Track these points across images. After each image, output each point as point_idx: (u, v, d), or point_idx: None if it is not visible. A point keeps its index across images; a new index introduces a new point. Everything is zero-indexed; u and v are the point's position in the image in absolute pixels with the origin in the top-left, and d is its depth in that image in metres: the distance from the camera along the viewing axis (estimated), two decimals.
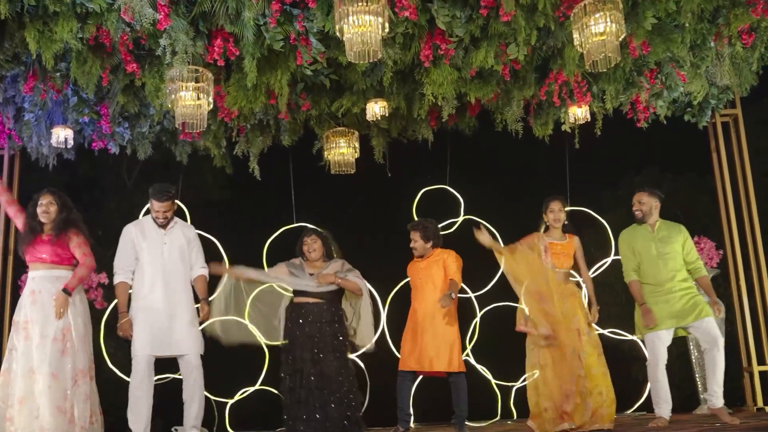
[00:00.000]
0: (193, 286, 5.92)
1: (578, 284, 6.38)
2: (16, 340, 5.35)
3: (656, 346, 5.82)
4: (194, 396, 5.73)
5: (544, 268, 5.89)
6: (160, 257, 5.75)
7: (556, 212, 6.09)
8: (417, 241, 6.38)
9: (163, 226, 5.83)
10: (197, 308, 5.89)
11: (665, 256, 5.87)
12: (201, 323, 5.82)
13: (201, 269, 5.94)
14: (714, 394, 5.70)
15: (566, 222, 6.11)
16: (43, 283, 5.43)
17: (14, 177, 7.75)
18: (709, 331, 5.75)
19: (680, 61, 6.59)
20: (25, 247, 5.53)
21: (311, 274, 6.01)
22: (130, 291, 5.78)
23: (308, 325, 5.91)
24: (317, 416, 5.69)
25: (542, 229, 6.16)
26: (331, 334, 5.92)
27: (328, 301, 6.01)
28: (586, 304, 6.06)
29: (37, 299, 5.38)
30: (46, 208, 5.55)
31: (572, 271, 6.17)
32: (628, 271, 6.03)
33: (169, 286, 5.70)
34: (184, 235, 5.89)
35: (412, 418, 6.49)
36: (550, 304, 5.79)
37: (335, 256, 6.27)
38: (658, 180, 11.16)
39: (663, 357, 5.82)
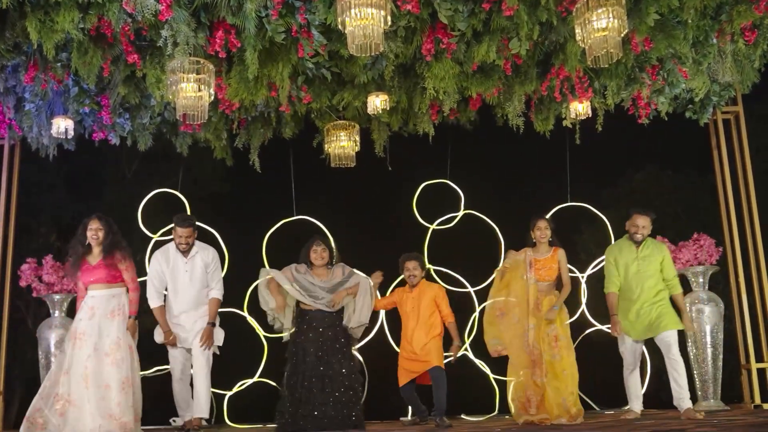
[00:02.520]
0: None
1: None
2: (69, 348, 5.76)
3: (626, 351, 6.39)
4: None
5: (524, 283, 6.41)
6: (182, 284, 6.35)
7: (543, 230, 6.51)
8: (417, 270, 6.68)
9: (185, 252, 6.37)
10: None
11: (643, 274, 6.30)
12: (204, 348, 6.26)
13: (215, 292, 6.43)
14: (680, 397, 6.09)
15: (551, 238, 6.52)
16: (100, 301, 5.87)
17: (14, 167, 7.73)
18: (662, 342, 6.21)
19: (682, 58, 6.58)
20: (77, 272, 5.96)
21: (321, 288, 6.33)
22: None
23: (313, 331, 6.22)
24: (315, 413, 5.96)
25: (531, 242, 6.57)
26: (334, 338, 6.23)
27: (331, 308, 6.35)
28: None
29: (96, 314, 5.82)
30: (95, 233, 5.93)
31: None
32: (610, 284, 6.45)
33: (192, 309, 6.34)
34: (203, 261, 6.40)
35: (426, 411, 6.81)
36: (512, 318, 6.42)
37: (335, 260, 6.56)
38: (659, 177, 11.17)
39: (631, 361, 6.38)
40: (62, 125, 6.91)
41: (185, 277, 6.34)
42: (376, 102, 6.73)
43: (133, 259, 6.07)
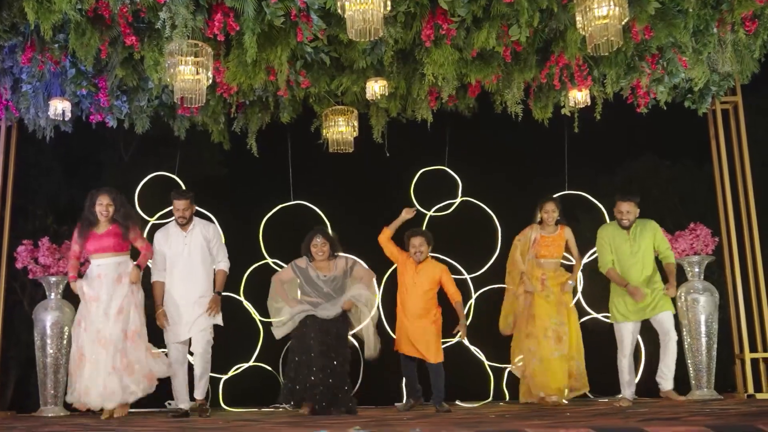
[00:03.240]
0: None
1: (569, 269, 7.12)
2: (84, 309, 6.07)
3: (624, 336, 6.41)
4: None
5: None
6: (181, 258, 6.41)
7: (550, 213, 6.83)
8: (423, 246, 6.68)
9: (183, 226, 6.44)
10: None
11: (637, 255, 6.39)
12: (210, 314, 6.39)
13: (221, 264, 6.56)
14: (664, 377, 6.39)
15: (559, 218, 6.87)
16: (107, 268, 6.07)
17: (11, 148, 7.69)
18: (662, 324, 6.36)
19: (682, 47, 6.56)
20: (83, 241, 6.14)
21: (324, 282, 6.47)
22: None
23: (315, 331, 6.27)
24: (316, 381, 6.10)
25: (537, 220, 6.92)
26: (337, 330, 6.34)
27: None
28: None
29: (104, 282, 6.04)
30: (106, 209, 6.11)
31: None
32: (605, 262, 6.49)
33: (190, 283, 6.38)
34: (203, 235, 6.47)
35: (421, 391, 6.94)
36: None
37: (338, 252, 6.60)
38: (656, 166, 11.14)
39: (628, 345, 6.41)
40: (59, 107, 6.88)
41: (183, 251, 6.41)
42: (375, 87, 6.70)
43: (142, 227, 6.32)
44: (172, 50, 5.72)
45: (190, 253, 6.43)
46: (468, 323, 8.10)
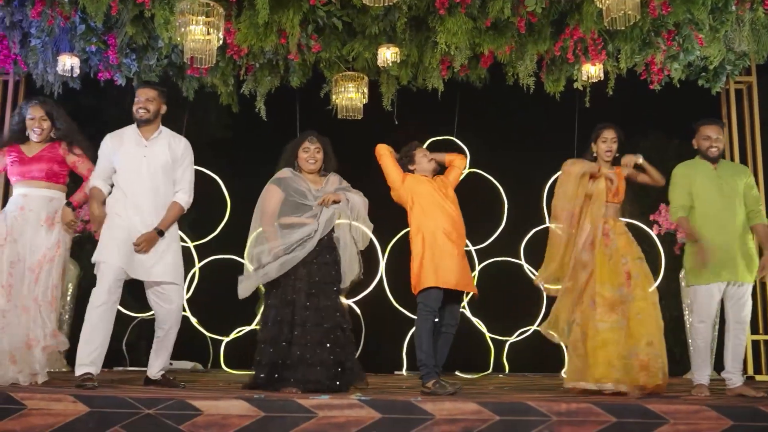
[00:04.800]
0: None
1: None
2: None
3: (707, 301, 5.08)
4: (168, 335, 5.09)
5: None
6: (137, 175, 4.87)
7: (609, 142, 5.19)
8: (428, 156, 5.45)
9: (144, 125, 4.94)
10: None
11: (729, 197, 5.10)
12: (139, 250, 4.79)
13: (181, 195, 5.00)
14: (734, 371, 5.08)
15: (618, 154, 5.23)
16: (34, 202, 4.90)
17: (18, 103, 7.65)
18: (739, 294, 5.09)
19: (699, 24, 6.49)
20: (1, 156, 4.96)
21: (315, 196, 5.09)
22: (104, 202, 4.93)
23: (302, 264, 4.95)
24: (307, 357, 4.77)
25: (592, 155, 5.29)
26: (327, 264, 5.06)
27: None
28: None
29: (28, 218, 4.88)
30: (39, 123, 4.94)
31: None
32: (678, 206, 5.15)
33: (146, 209, 4.87)
34: (170, 149, 4.97)
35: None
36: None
37: (332, 168, 5.36)
38: (665, 145, 11.07)
39: (713, 314, 5.11)
40: (68, 63, 6.84)
41: (141, 165, 4.86)
42: (387, 54, 6.64)
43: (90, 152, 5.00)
44: (183, 9, 5.68)
45: (149, 169, 4.87)
46: (470, 295, 8.12)
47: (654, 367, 4.75)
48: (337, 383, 4.82)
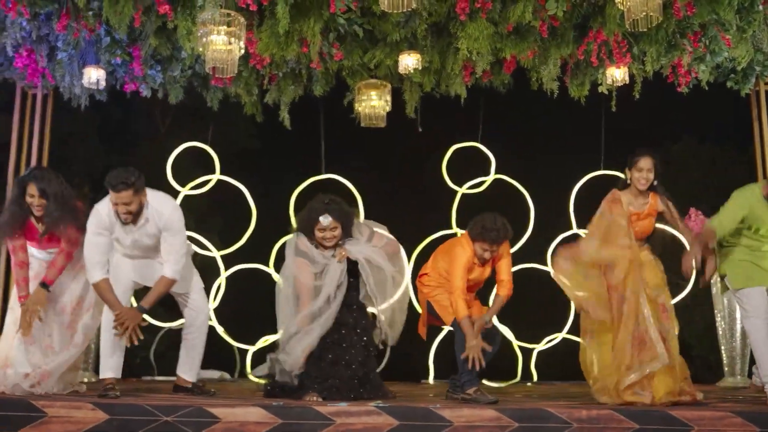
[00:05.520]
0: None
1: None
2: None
3: (757, 302, 4.98)
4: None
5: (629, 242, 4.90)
6: (130, 251, 5.04)
7: (645, 172, 4.99)
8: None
9: (129, 224, 4.92)
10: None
11: None
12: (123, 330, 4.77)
13: (167, 267, 4.94)
14: None
15: (655, 183, 5.05)
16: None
17: (47, 117, 7.77)
18: None
19: (726, 25, 6.35)
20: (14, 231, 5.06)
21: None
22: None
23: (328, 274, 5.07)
24: (327, 374, 4.91)
25: (626, 182, 5.12)
26: (349, 289, 5.18)
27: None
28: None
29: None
30: (38, 201, 4.96)
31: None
32: (724, 224, 5.09)
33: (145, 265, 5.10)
34: (157, 228, 4.94)
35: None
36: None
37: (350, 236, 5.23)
38: (697, 149, 10.95)
39: (758, 306, 4.96)
40: (94, 75, 6.91)
41: (132, 246, 5.00)
42: (408, 61, 6.61)
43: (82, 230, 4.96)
44: (204, 19, 5.69)
45: (141, 247, 5.01)
46: None
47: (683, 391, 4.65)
48: (354, 395, 4.85)
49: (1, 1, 5.92)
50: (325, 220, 4.99)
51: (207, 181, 8.13)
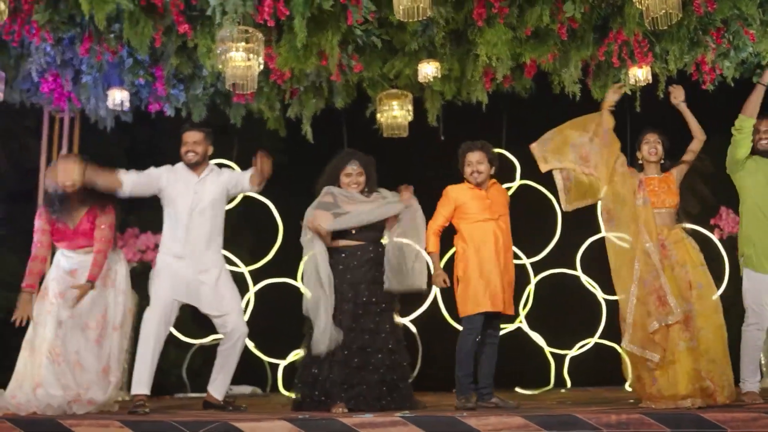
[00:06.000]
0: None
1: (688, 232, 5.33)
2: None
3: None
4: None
5: (635, 207, 5.01)
6: (189, 211, 5.26)
7: (652, 143, 5.28)
8: (482, 164, 5.49)
9: (194, 166, 5.33)
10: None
11: None
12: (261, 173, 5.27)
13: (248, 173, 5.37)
14: None
15: (664, 161, 5.28)
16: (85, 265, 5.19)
17: (74, 140, 7.90)
18: None
19: (749, 19, 6.25)
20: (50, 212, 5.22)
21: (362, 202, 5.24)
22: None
23: (350, 272, 5.17)
24: (353, 379, 4.90)
25: (638, 162, 5.41)
26: (375, 282, 5.17)
27: (371, 242, 5.29)
28: None
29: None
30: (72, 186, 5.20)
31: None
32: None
33: (197, 244, 5.27)
34: (218, 183, 5.37)
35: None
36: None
37: (374, 189, 5.45)
38: (725, 148, 10.73)
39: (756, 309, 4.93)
40: (118, 97, 7.01)
41: (192, 202, 5.25)
42: (428, 70, 6.60)
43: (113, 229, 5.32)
44: (223, 37, 5.74)
45: (200, 205, 5.27)
46: (527, 309, 7.99)
47: (719, 386, 4.60)
48: (384, 402, 4.80)
49: (25, 28, 6.00)
50: (352, 164, 5.28)
51: (233, 198, 8.16)
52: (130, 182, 5.32)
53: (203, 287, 5.27)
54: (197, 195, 5.28)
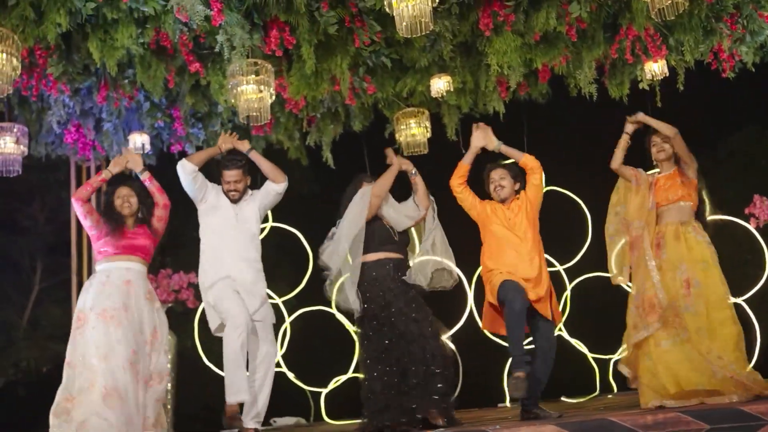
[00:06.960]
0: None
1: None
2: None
3: None
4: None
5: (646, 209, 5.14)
6: (228, 229, 5.54)
7: (659, 144, 5.39)
8: (505, 179, 5.50)
9: (236, 201, 5.64)
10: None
11: None
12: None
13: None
14: None
15: (675, 155, 5.31)
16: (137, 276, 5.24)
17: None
18: None
19: (762, 1, 6.15)
20: (111, 238, 5.29)
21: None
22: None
23: (393, 282, 5.21)
24: (414, 395, 4.81)
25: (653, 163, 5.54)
26: (415, 297, 5.22)
27: (407, 257, 5.45)
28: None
29: (131, 292, 5.15)
30: (127, 200, 5.55)
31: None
32: None
33: (237, 264, 5.47)
34: (254, 205, 5.70)
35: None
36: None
37: None
38: (759, 135, 10.51)
39: None
40: (138, 140, 7.10)
41: (232, 222, 5.56)
42: (439, 84, 6.58)
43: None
44: (233, 71, 5.79)
45: (239, 227, 5.55)
46: (565, 315, 7.85)
47: (736, 377, 4.43)
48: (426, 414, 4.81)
49: (42, 82, 6.13)
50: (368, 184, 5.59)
51: (262, 230, 8.21)
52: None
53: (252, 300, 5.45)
54: (237, 216, 5.59)
